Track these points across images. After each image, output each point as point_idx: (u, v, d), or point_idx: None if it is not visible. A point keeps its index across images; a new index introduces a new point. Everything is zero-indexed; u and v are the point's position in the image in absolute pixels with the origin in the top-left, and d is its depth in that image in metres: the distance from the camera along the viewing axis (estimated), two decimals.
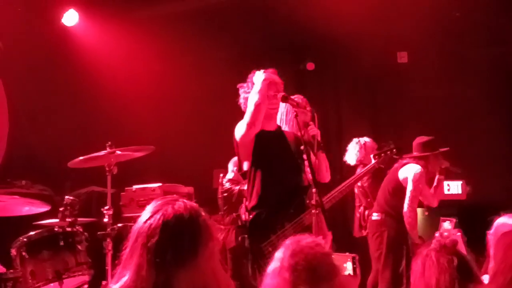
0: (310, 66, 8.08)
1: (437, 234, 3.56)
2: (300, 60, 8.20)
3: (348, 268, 2.57)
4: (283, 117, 4.35)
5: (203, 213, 1.85)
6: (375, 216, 5.12)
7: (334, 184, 8.16)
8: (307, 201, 3.56)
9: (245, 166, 3.73)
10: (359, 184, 6.08)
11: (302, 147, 3.57)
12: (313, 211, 3.54)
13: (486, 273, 2.84)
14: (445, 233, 3.52)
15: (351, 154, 6.23)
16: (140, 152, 4.45)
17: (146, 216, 1.82)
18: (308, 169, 3.56)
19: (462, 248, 3.25)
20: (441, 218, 3.45)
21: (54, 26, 6.90)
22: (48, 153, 6.54)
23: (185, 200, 1.85)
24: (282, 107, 4.29)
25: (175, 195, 2.00)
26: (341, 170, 8.15)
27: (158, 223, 1.77)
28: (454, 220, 3.51)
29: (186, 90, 7.18)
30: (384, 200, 5.09)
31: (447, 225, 3.37)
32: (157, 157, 5.87)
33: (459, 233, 3.70)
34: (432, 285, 2.02)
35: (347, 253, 2.61)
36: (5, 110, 3.16)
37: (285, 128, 4.19)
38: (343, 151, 8.25)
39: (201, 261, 1.76)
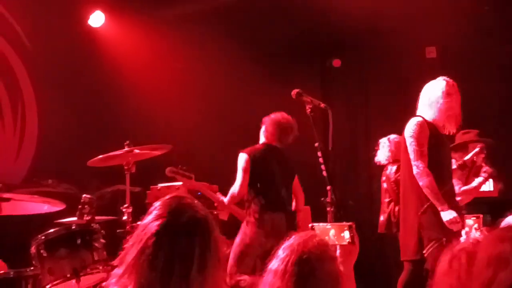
0: (336, 63, 8.00)
1: (463, 232, 3.42)
2: (326, 57, 8.13)
3: (345, 237, 2.57)
4: (431, 103, 4.23)
5: (215, 227, 1.81)
6: None
7: (361, 181, 8.14)
8: (322, 199, 3.53)
9: None
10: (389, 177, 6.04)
11: (316, 144, 3.53)
12: (328, 208, 3.51)
13: None
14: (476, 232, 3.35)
15: (382, 153, 6.12)
16: (158, 151, 4.48)
17: (156, 220, 1.76)
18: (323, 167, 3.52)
19: None
20: (465, 215, 3.30)
21: (81, 27, 7.03)
22: (75, 152, 6.65)
23: (199, 209, 1.80)
24: (432, 92, 4.23)
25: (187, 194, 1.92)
26: (369, 168, 8.06)
27: (169, 232, 1.73)
28: (481, 216, 3.33)
29: (208, 88, 7.21)
30: None
31: (471, 222, 3.22)
32: (183, 155, 5.92)
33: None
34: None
35: (344, 222, 2.62)
36: None
37: (431, 115, 4.19)
38: (371, 149, 8.11)
39: (206, 277, 1.72)
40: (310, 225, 2.72)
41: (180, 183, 6.05)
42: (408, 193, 4.22)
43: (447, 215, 3.99)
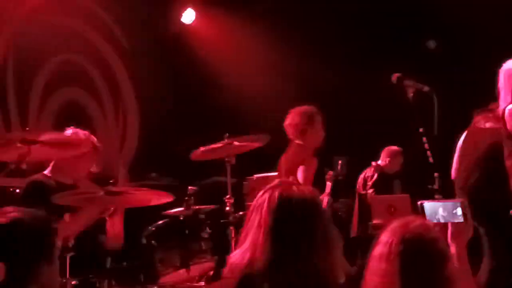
0: (433, 44, 7.74)
1: None
2: (422, 38, 7.87)
3: (457, 214, 2.44)
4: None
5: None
6: None
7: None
8: (429, 186, 3.43)
9: None
10: None
11: (421, 130, 3.43)
12: (435, 196, 3.41)
13: None
14: None
15: None
16: (257, 143, 4.54)
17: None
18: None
19: None
20: None
21: (174, 24, 7.26)
22: (174, 146, 6.88)
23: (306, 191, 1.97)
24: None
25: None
26: None
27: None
28: None
29: (302, 76, 7.20)
30: None
31: None
32: (276, 146, 5.95)
33: None
34: None
35: (456, 199, 2.49)
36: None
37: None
38: None
39: (315, 245, 1.85)
40: (419, 202, 2.57)
41: (276, 173, 6.13)
42: None
43: None
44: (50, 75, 6.43)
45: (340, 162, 5.91)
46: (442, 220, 2.42)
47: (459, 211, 2.36)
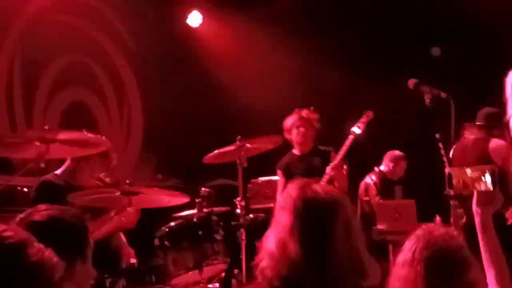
0: (437, 51, 7.77)
1: None
2: (430, 46, 7.89)
3: (486, 181, 2.26)
4: None
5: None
6: None
7: None
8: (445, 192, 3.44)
9: None
10: None
11: (437, 135, 3.44)
12: (451, 202, 3.43)
13: None
14: None
15: None
16: (269, 144, 4.54)
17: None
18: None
19: None
20: None
21: (180, 27, 7.26)
22: (178, 147, 6.87)
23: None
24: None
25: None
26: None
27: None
28: None
29: (311, 82, 7.21)
30: None
31: None
32: (283, 150, 5.96)
33: None
34: None
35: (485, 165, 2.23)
36: None
37: None
38: None
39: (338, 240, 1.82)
40: (447, 170, 2.45)
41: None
42: None
43: None
44: (56, 75, 6.42)
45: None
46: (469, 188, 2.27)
47: (488, 178, 2.18)
